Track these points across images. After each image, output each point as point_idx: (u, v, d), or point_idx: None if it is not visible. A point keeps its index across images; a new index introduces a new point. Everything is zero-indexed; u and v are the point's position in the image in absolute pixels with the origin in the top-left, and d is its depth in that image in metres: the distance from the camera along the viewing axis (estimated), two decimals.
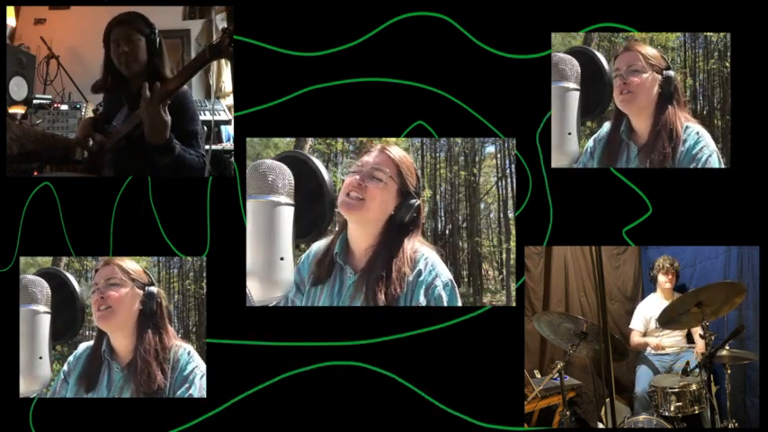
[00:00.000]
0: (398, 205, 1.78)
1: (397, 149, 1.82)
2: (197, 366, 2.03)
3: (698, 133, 2.09)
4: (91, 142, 2.40)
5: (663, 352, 3.03)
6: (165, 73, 2.27)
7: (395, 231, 1.79)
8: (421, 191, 1.84)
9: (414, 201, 1.79)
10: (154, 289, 2.04)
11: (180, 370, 2.01)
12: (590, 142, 2.22)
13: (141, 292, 2.03)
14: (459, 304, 1.79)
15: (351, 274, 1.80)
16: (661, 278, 3.03)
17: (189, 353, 2.03)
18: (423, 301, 1.75)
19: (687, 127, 2.10)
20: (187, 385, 2.01)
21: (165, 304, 2.06)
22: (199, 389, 2.03)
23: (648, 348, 3.03)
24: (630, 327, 3.12)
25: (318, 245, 1.87)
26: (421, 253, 1.78)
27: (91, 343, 2.06)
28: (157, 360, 1.99)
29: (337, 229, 1.86)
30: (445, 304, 1.74)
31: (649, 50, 2.13)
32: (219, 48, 2.11)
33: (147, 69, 2.26)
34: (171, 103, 2.18)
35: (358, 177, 1.78)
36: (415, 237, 1.80)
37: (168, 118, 2.15)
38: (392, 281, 1.75)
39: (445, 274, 1.76)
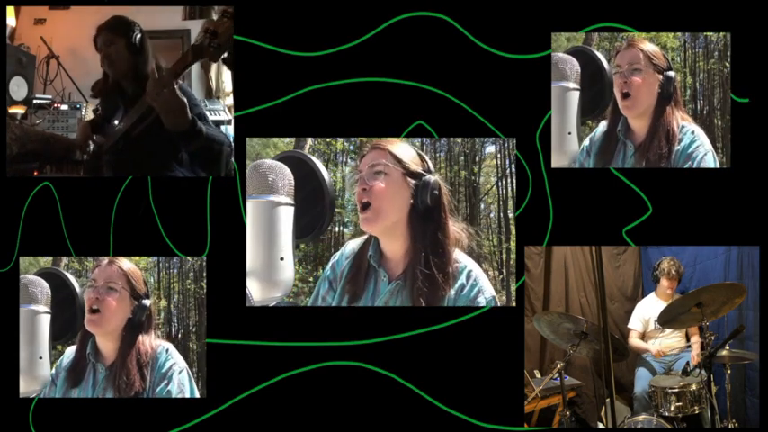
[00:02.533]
0: (414, 190, 1.71)
1: (390, 141, 1.76)
2: (175, 362, 2.04)
3: (693, 132, 2.09)
4: (91, 145, 2.40)
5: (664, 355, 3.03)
6: (148, 71, 2.24)
7: (423, 222, 1.70)
8: (432, 170, 1.74)
9: (428, 177, 1.71)
10: (147, 302, 2.06)
11: (158, 367, 2.02)
12: (586, 141, 2.21)
13: (135, 302, 2.05)
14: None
15: (384, 278, 1.75)
16: (664, 282, 3.03)
17: (167, 350, 2.05)
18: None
19: (683, 126, 2.10)
20: (166, 381, 2.02)
21: (162, 304, 2.07)
22: (177, 384, 2.02)
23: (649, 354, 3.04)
24: (629, 327, 3.12)
25: (353, 247, 1.81)
26: (463, 264, 1.70)
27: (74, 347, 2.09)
28: (138, 365, 2.01)
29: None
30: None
31: (652, 48, 2.12)
32: (201, 48, 2.05)
33: (132, 69, 2.27)
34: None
35: (360, 184, 1.73)
36: (447, 223, 1.71)
37: (184, 99, 2.06)
38: (438, 284, 1.67)
39: (489, 289, 1.70)
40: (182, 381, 2.03)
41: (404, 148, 1.75)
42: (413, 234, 1.71)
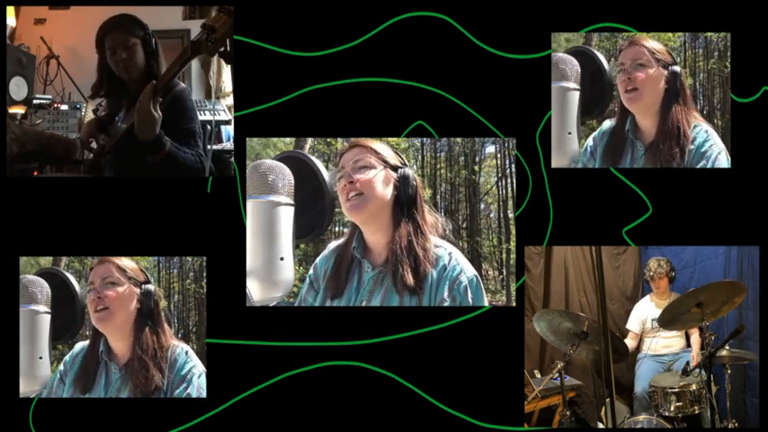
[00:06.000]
0: (396, 181, 1.76)
1: (368, 140, 1.81)
2: (195, 366, 2.02)
3: (707, 131, 2.06)
4: (94, 143, 2.40)
5: (661, 352, 3.04)
6: (162, 72, 2.25)
7: (404, 212, 1.76)
8: (407, 164, 1.81)
9: (405, 170, 1.77)
10: (151, 287, 2.02)
11: (178, 369, 2.00)
12: (589, 141, 2.20)
13: (138, 290, 2.01)
14: (486, 302, 1.76)
15: (369, 269, 1.78)
16: (654, 282, 3.04)
17: (186, 352, 2.02)
18: (446, 297, 1.71)
19: (696, 126, 2.07)
20: (185, 385, 2.00)
21: (163, 304, 2.05)
22: (197, 388, 2.02)
23: (645, 350, 3.05)
24: (627, 327, 3.13)
25: (336, 243, 1.86)
26: (443, 247, 1.76)
27: (87, 343, 2.05)
28: (155, 360, 1.97)
29: (349, 229, 1.84)
30: (470, 301, 1.71)
31: (655, 45, 2.09)
32: (198, 44, 2.05)
33: (146, 71, 2.26)
34: (167, 102, 2.18)
35: (345, 179, 1.76)
36: (424, 210, 1.78)
37: (158, 115, 2.10)
38: (420, 260, 1.72)
39: (470, 269, 1.73)
40: (201, 385, 2.02)
41: (381, 146, 1.80)
42: (395, 223, 1.76)
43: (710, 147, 2.05)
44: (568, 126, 2.14)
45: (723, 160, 2.06)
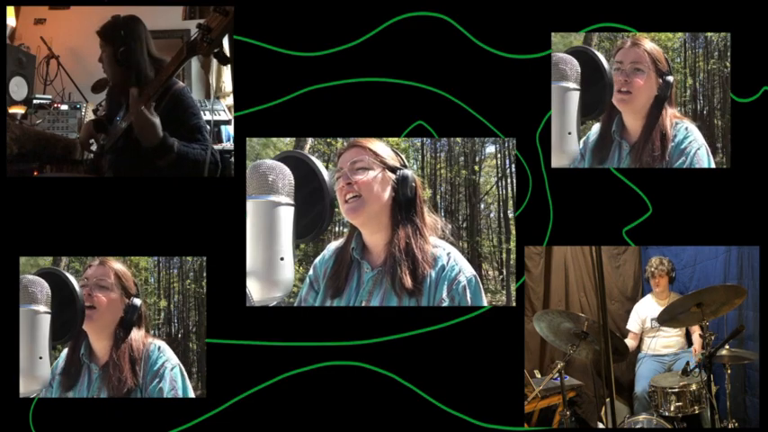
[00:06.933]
0: (395, 183, 1.76)
1: (368, 140, 1.80)
2: (167, 360, 2.04)
3: (687, 129, 2.09)
4: (93, 144, 2.40)
5: (661, 352, 3.04)
6: (135, 80, 2.25)
7: (403, 213, 1.76)
8: (407, 165, 1.80)
9: (405, 171, 1.77)
10: (138, 302, 2.07)
11: (150, 365, 2.03)
12: (579, 144, 2.21)
13: (126, 301, 2.06)
14: (485, 302, 1.75)
15: (368, 270, 1.78)
16: (654, 281, 3.05)
17: (159, 348, 2.05)
18: (445, 298, 1.71)
19: (677, 123, 2.09)
20: (158, 380, 2.02)
21: (162, 303, 2.07)
22: (169, 381, 2.03)
23: (645, 349, 3.05)
24: (627, 327, 3.13)
25: (336, 245, 1.86)
26: (442, 247, 1.75)
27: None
28: (130, 361, 2.02)
29: (349, 229, 1.85)
30: (469, 301, 1.71)
31: (655, 50, 2.11)
32: (194, 44, 2.07)
33: (120, 78, 2.28)
34: (169, 102, 2.18)
35: (343, 180, 1.76)
36: (424, 212, 1.77)
37: (155, 118, 2.13)
38: (419, 262, 1.72)
39: (468, 269, 1.73)
40: (174, 377, 2.03)
41: (381, 146, 1.80)
42: (394, 225, 1.76)
43: (690, 143, 2.07)
44: (568, 126, 2.14)
45: (703, 156, 2.06)
